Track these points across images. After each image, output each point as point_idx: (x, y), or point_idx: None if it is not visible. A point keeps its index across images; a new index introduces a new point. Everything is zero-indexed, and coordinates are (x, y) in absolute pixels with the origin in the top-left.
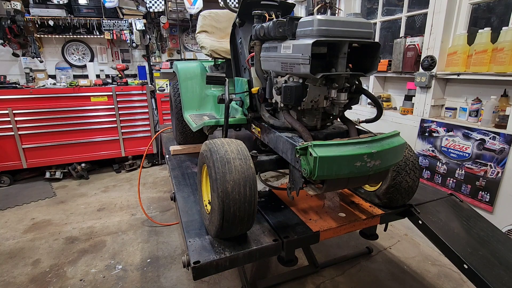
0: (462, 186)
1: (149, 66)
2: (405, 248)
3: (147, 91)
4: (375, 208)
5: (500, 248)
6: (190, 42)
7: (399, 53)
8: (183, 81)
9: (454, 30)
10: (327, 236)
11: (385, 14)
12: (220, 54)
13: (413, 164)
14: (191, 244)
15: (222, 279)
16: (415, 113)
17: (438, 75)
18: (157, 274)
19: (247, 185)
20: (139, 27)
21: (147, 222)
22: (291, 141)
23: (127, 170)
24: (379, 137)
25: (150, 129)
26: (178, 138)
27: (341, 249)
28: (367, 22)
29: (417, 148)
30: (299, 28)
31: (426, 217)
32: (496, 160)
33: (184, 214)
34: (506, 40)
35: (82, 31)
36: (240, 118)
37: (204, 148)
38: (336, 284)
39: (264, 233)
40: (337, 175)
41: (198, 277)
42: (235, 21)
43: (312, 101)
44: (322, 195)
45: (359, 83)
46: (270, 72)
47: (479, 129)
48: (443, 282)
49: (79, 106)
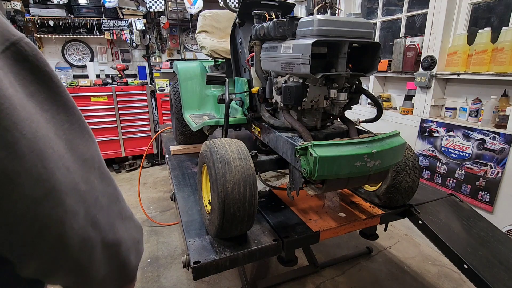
0: (462, 186)
1: (149, 66)
2: (405, 248)
3: (147, 91)
4: (375, 208)
5: (500, 248)
6: (190, 42)
7: (399, 53)
8: (183, 81)
9: (454, 30)
10: (327, 236)
11: (385, 14)
12: (220, 54)
13: (413, 164)
14: (191, 244)
15: (222, 279)
16: (415, 113)
17: (438, 75)
18: (157, 274)
19: (247, 185)
20: (139, 27)
21: (147, 222)
22: (291, 141)
23: (127, 170)
24: (379, 137)
25: (150, 129)
26: (178, 138)
27: (341, 249)
28: (367, 22)
29: (417, 148)
30: (299, 28)
31: (426, 217)
32: (496, 160)
33: (184, 214)
34: (506, 40)
35: (82, 31)
36: (240, 118)
37: (204, 148)
38: (336, 284)
39: (264, 233)
40: (337, 175)
41: (198, 277)
42: (235, 21)
43: (312, 101)
44: (322, 195)
45: (359, 83)
46: (270, 72)
47: (479, 129)
48: (443, 282)
49: (79, 106)
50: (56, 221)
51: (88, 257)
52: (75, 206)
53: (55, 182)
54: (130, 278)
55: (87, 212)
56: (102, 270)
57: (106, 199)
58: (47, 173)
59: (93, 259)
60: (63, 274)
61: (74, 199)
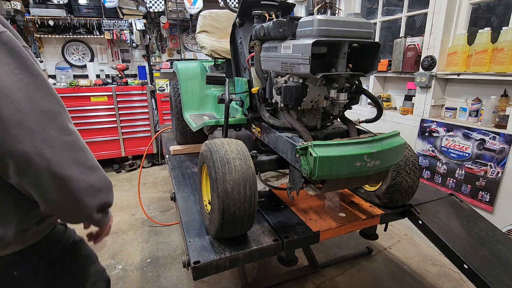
0: (462, 186)
1: (149, 66)
2: (405, 248)
3: (147, 91)
4: (375, 208)
5: (500, 248)
6: (190, 42)
7: (399, 53)
8: (183, 81)
9: (454, 30)
10: (327, 236)
11: (385, 14)
12: (220, 54)
13: (413, 164)
14: (191, 244)
15: (222, 279)
16: (415, 113)
17: (438, 75)
18: (157, 274)
19: (247, 185)
20: (139, 27)
21: (147, 222)
22: (291, 141)
23: (127, 170)
24: (379, 137)
25: (150, 129)
26: (178, 138)
27: (341, 249)
28: (367, 22)
29: (417, 148)
30: (299, 28)
31: (426, 217)
32: (496, 160)
33: (184, 214)
34: (506, 40)
35: (82, 31)
36: (240, 118)
37: (204, 148)
38: (336, 284)
39: (264, 233)
40: (337, 175)
41: (198, 277)
42: (235, 21)
43: (312, 101)
44: (322, 195)
45: (359, 83)
46: (270, 72)
47: (479, 129)
48: (443, 282)
49: (79, 106)
50: (1, 141)
51: (36, 177)
52: (19, 135)
53: (2, 115)
54: (86, 216)
55: (33, 144)
56: (52, 195)
57: (59, 144)
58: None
59: (41, 180)
60: (26, 182)
61: (19, 131)
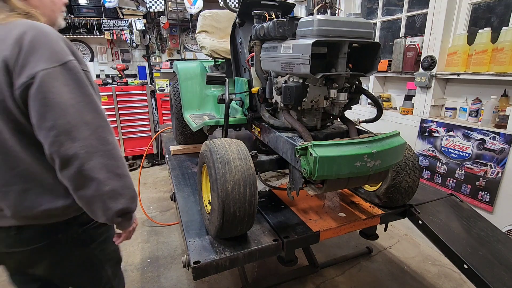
0: (462, 186)
1: (149, 66)
2: (405, 248)
3: (147, 91)
4: (375, 208)
5: (500, 248)
6: (190, 42)
7: (399, 53)
8: (183, 81)
9: (454, 30)
10: (327, 236)
11: (385, 14)
12: (220, 54)
13: (413, 164)
14: (191, 244)
15: (222, 279)
16: (415, 113)
17: (438, 75)
18: (157, 274)
19: (247, 185)
20: (139, 27)
21: (147, 222)
22: (291, 141)
23: None
24: (379, 137)
25: (150, 129)
26: (178, 138)
27: (341, 249)
28: (367, 22)
29: (417, 148)
30: (299, 28)
31: (426, 217)
32: (496, 160)
33: (184, 214)
34: (506, 40)
35: (82, 31)
36: (240, 118)
37: (204, 148)
38: (336, 284)
39: (264, 233)
40: (337, 175)
41: (198, 277)
42: (235, 21)
43: (312, 101)
44: (322, 195)
45: (359, 83)
46: (270, 72)
47: (479, 129)
48: (443, 282)
49: None
50: (52, 143)
51: (70, 173)
52: (65, 141)
53: (56, 124)
54: (104, 216)
55: (73, 149)
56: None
57: (95, 150)
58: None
59: (74, 177)
60: (64, 176)
61: (65, 138)
